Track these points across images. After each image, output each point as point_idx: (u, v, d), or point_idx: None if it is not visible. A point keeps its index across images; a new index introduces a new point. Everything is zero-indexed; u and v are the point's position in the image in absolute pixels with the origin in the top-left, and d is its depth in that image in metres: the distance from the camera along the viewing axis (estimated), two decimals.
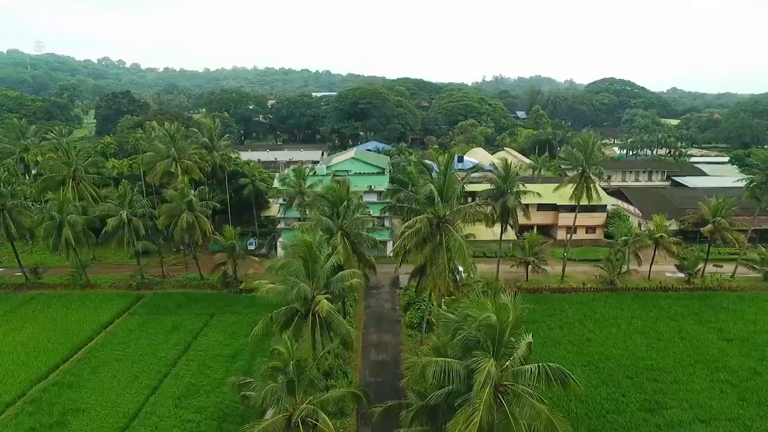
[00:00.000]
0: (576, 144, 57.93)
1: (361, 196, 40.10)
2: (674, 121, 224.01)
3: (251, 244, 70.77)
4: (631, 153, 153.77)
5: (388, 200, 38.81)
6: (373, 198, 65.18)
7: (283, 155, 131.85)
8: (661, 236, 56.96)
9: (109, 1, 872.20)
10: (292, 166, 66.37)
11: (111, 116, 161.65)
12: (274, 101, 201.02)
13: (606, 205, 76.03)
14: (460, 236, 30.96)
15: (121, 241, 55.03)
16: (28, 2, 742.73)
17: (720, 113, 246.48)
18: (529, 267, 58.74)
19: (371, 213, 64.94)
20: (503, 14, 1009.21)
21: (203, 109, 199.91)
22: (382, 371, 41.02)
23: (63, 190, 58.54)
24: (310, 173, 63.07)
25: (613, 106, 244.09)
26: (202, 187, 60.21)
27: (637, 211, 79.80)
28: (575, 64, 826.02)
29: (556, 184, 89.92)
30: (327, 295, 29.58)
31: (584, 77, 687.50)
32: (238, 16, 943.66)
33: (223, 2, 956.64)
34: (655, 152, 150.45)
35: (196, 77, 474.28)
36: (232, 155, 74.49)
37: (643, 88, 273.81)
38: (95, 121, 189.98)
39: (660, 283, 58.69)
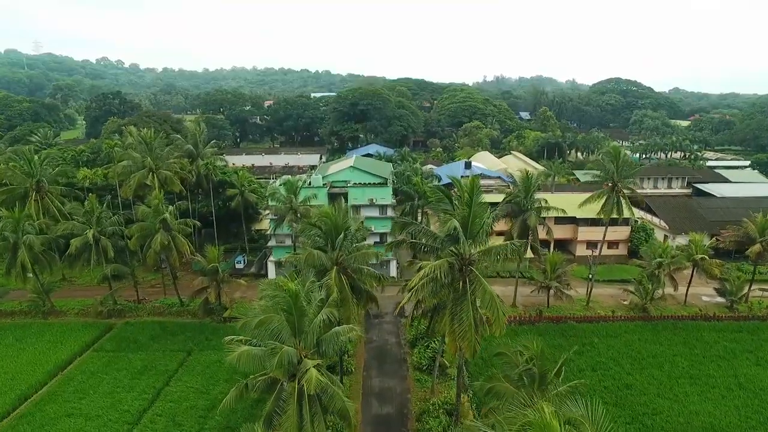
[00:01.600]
0: (606, 154, 51.21)
1: (362, 222, 33.36)
2: (684, 123, 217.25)
3: (239, 262, 64.00)
4: (644, 156, 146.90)
5: (395, 234, 31.79)
6: (375, 213, 58.44)
7: (278, 159, 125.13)
8: (703, 258, 50.20)
9: (109, 1, 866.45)
10: (283, 177, 59.52)
11: (101, 118, 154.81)
12: (271, 102, 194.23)
13: (629, 218, 69.25)
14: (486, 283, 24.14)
15: (87, 264, 48.24)
16: (28, 2, 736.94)
17: (728, 114, 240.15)
18: (551, 291, 52.08)
19: (373, 229, 58.40)
20: (502, 14, 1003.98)
21: (198, 110, 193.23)
22: (386, 430, 34.22)
23: (25, 205, 51.82)
24: (304, 185, 56.25)
25: (620, 107, 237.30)
26: (180, 201, 53.27)
27: (663, 224, 72.94)
28: (575, 65, 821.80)
29: (572, 194, 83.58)
30: (317, 361, 22.77)
31: (585, 77, 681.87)
32: (238, 16, 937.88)
33: (223, 2, 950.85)
34: (669, 156, 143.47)
35: (194, 77, 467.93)
36: (219, 163, 67.47)
37: (649, 88, 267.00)
38: (85, 122, 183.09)
39: (699, 310, 51.88)
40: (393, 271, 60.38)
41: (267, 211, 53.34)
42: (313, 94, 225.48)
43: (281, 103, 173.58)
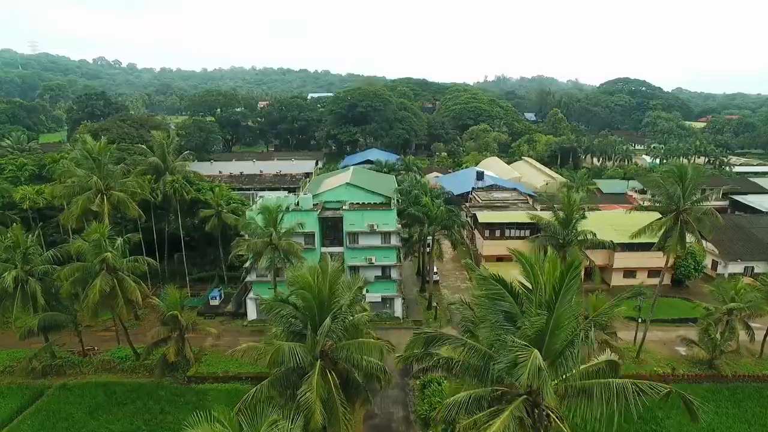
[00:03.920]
0: (669, 172, 40.87)
1: (360, 288, 23.16)
2: (697, 125, 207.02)
3: (214, 297, 53.76)
4: (663, 162, 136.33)
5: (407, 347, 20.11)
6: (376, 241, 48.07)
7: (270, 166, 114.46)
8: None
9: (110, 1, 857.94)
10: (263, 200, 49.11)
11: (84, 120, 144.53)
12: (266, 102, 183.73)
13: None
14: None
15: (9, 313, 37.95)
16: (28, 2, 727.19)
17: (740, 114, 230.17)
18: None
19: (374, 261, 48.11)
20: (502, 14, 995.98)
21: (187, 113, 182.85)
22: None
23: None
24: (289, 210, 45.83)
25: (630, 108, 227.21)
26: (128, 235, 42.83)
27: (711, 247, 62.60)
28: (576, 65, 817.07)
29: (603, 210, 73.19)
30: None
31: (586, 78, 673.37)
32: (238, 16, 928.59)
33: (224, 2, 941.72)
34: (692, 161, 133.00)
35: (192, 77, 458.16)
36: (192, 177, 57.17)
37: (659, 88, 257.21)
38: (67, 125, 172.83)
39: None
40: (398, 311, 50.15)
41: (240, 244, 42.78)
42: (310, 95, 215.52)
43: (275, 105, 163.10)
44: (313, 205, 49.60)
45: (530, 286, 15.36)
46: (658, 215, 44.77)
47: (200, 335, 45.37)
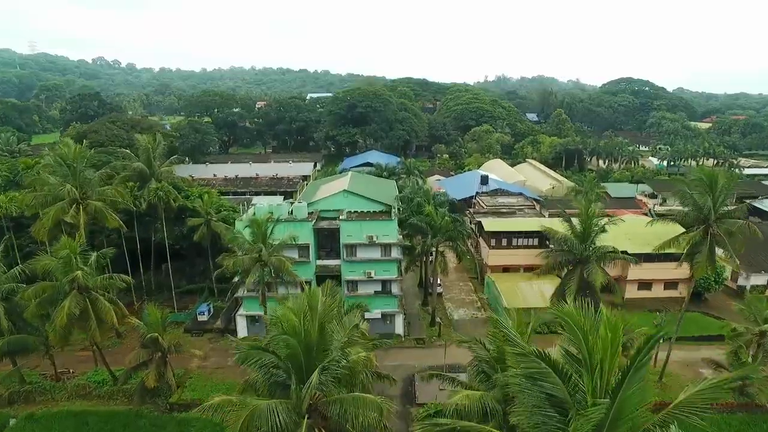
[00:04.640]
0: (698, 181, 37.07)
1: (357, 325, 19.66)
2: (702, 125, 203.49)
3: (202, 313, 50.21)
4: (671, 164, 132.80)
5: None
6: (376, 253, 44.48)
7: (267, 169, 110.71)
8: None
9: (110, 1, 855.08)
10: (254, 209, 45.59)
11: (75, 121, 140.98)
12: (264, 103, 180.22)
13: None
14: None
15: None
16: (28, 2, 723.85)
17: (744, 114, 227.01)
18: None
19: (373, 275, 44.56)
20: (502, 14, 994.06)
21: (182, 113, 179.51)
22: None
23: None
24: (282, 220, 42.26)
25: (634, 108, 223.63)
26: (103, 250, 39.15)
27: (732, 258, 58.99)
28: (575, 65, 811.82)
29: (613, 217, 69.66)
30: None
31: (586, 78, 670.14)
32: (238, 16, 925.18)
33: (224, 3, 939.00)
34: (701, 163, 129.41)
35: (192, 77, 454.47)
36: (180, 183, 53.65)
37: (662, 88, 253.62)
38: (60, 127, 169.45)
39: None
40: (399, 328, 46.62)
41: (226, 261, 39.01)
42: (309, 95, 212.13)
43: (273, 105, 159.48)
44: (308, 214, 46.10)
45: (576, 354, 11.89)
46: (674, 223, 41.35)
47: (185, 356, 41.93)
